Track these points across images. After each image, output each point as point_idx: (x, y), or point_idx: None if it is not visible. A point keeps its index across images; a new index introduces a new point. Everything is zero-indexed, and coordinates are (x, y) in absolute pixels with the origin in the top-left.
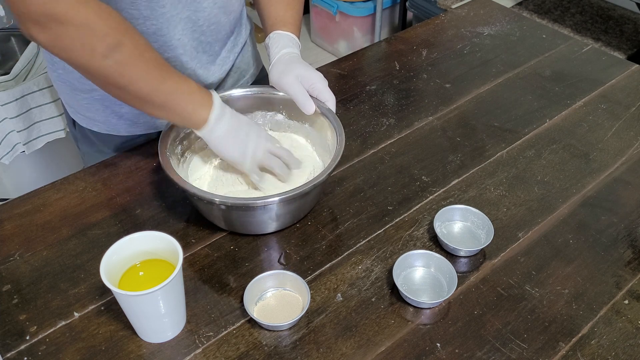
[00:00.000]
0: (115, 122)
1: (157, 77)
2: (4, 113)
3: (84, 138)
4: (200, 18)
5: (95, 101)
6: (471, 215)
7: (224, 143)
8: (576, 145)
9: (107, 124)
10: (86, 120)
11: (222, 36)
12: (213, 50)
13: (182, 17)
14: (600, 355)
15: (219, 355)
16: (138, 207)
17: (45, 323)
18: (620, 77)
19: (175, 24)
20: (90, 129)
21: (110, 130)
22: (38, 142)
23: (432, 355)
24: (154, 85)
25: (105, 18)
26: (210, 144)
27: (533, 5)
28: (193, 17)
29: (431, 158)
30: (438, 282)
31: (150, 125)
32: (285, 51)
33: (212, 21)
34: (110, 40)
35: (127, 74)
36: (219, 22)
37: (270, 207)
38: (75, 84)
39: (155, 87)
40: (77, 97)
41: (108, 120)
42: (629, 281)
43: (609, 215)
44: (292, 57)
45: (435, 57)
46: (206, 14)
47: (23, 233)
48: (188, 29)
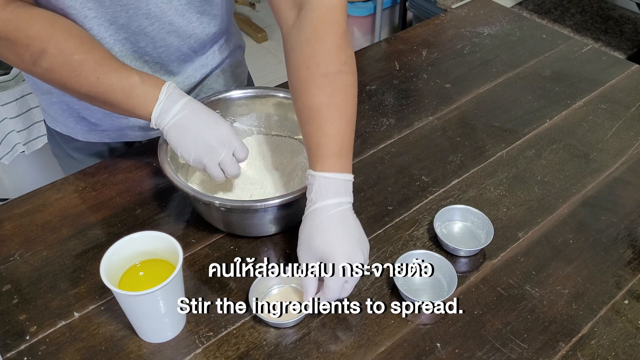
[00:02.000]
0: (73, 126)
1: (90, 78)
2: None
3: (52, 138)
4: (140, 40)
5: (52, 104)
6: (471, 215)
7: (172, 141)
8: (576, 145)
9: (67, 126)
10: (50, 119)
11: (176, 57)
12: (166, 68)
13: (118, 39)
14: (600, 355)
15: (219, 355)
16: (138, 207)
17: (45, 323)
18: (620, 77)
19: (110, 45)
20: (54, 128)
21: (70, 132)
22: (38, 142)
23: (432, 355)
24: (88, 86)
25: (24, 28)
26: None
27: (533, 5)
28: (132, 39)
29: (431, 158)
30: (438, 282)
31: (107, 135)
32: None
33: (158, 44)
34: (33, 50)
35: (57, 79)
36: (170, 45)
37: (270, 210)
38: (37, 84)
39: (91, 87)
40: (41, 98)
41: (67, 122)
42: (629, 281)
43: (609, 215)
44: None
45: (435, 57)
46: (149, 38)
47: (23, 233)
48: (127, 49)
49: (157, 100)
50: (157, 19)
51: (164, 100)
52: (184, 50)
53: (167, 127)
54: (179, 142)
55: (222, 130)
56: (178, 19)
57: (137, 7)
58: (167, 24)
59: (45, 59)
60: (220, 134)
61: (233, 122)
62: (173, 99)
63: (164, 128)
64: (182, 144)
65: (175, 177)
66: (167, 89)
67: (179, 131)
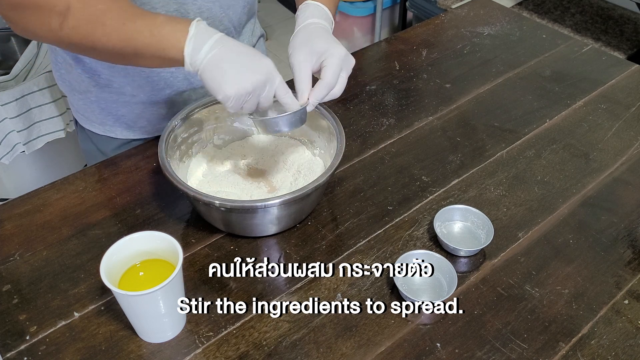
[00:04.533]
0: (111, 125)
1: (116, 25)
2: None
3: (84, 137)
4: (189, 11)
5: (91, 102)
6: (471, 215)
7: (210, 77)
8: (576, 145)
9: (104, 126)
10: (85, 120)
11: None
12: None
13: (169, 11)
14: (600, 355)
15: (219, 355)
16: (138, 207)
17: (45, 323)
18: (620, 77)
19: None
20: (89, 129)
21: (107, 132)
22: (38, 142)
23: (432, 355)
24: (115, 35)
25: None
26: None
27: (533, 5)
28: (182, 10)
29: (431, 158)
30: (438, 282)
31: (146, 130)
32: (311, 21)
33: (204, 15)
34: (59, 9)
35: (84, 36)
36: (214, 17)
37: (270, 210)
38: (74, 84)
39: (119, 36)
40: (76, 97)
41: (105, 122)
42: (629, 281)
43: (609, 215)
44: (316, 27)
45: (435, 57)
46: (196, 6)
47: (23, 233)
48: None
49: (188, 35)
50: None
51: (195, 34)
52: (225, 23)
53: (203, 63)
54: (217, 77)
55: (265, 62)
56: None
57: None
58: None
59: (71, 15)
60: (264, 66)
61: (233, 122)
62: (204, 34)
63: (199, 66)
64: (223, 79)
65: (175, 177)
66: (197, 24)
67: (218, 65)
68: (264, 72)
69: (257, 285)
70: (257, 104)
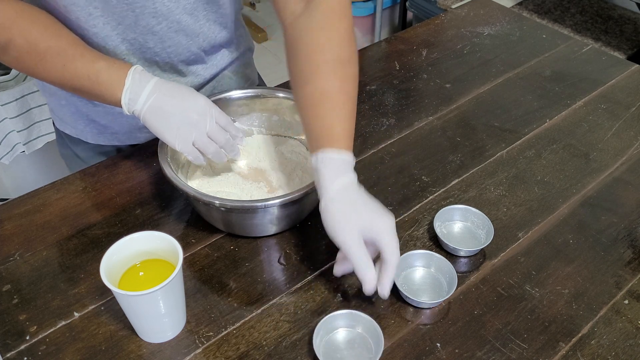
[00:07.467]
0: (82, 128)
1: (56, 66)
2: (4, 113)
3: (61, 140)
4: (148, 40)
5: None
6: (471, 215)
7: (152, 126)
8: (576, 145)
9: (76, 129)
10: (59, 121)
11: (186, 57)
12: (176, 68)
13: (126, 39)
14: (600, 355)
15: (219, 355)
16: (138, 207)
17: (45, 323)
18: (620, 77)
19: (117, 44)
20: (63, 130)
21: (79, 135)
22: (38, 142)
23: (432, 355)
24: (55, 73)
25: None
26: None
27: (533, 5)
28: (140, 39)
29: (431, 158)
30: (438, 282)
31: (117, 138)
32: (341, 182)
33: (166, 44)
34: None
35: (25, 68)
36: (178, 44)
37: (270, 210)
38: (46, 86)
39: (58, 75)
40: (49, 99)
41: (76, 124)
42: (629, 281)
43: (609, 215)
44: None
45: (435, 57)
46: (157, 37)
47: (23, 233)
48: (136, 49)
49: (124, 85)
50: (164, 17)
51: (131, 85)
52: (193, 50)
53: (142, 112)
54: (158, 125)
55: (199, 101)
56: (186, 18)
57: (143, 6)
58: (175, 22)
59: (12, 47)
60: (199, 105)
61: (233, 122)
62: (140, 82)
63: (139, 114)
64: (163, 127)
65: (175, 177)
66: (133, 72)
67: (156, 114)
68: (199, 110)
69: (257, 286)
70: (215, 146)
